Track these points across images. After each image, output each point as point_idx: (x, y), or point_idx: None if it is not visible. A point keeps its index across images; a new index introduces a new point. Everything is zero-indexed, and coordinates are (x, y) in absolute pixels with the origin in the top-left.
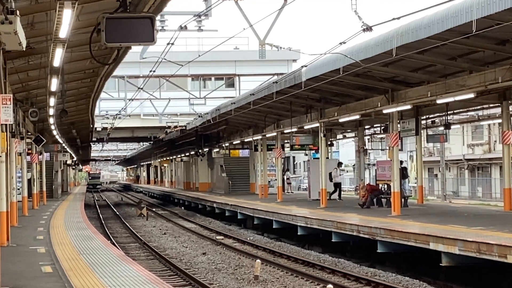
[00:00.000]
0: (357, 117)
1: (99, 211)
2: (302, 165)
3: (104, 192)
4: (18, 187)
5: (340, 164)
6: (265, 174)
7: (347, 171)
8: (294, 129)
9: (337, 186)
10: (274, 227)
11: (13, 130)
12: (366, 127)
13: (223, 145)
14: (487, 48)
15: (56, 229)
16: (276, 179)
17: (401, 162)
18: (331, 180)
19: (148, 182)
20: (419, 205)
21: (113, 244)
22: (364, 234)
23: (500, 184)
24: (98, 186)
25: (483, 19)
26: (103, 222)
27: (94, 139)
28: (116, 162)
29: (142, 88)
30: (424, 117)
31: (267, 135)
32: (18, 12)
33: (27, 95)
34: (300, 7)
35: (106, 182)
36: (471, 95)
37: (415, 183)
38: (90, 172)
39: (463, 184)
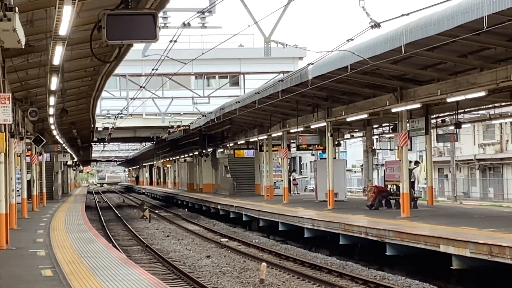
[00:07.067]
0: (365, 116)
1: (100, 213)
2: (309, 165)
3: (106, 194)
4: (18, 189)
5: None
6: (270, 175)
7: (354, 172)
8: (301, 129)
9: None
10: (280, 229)
11: (12, 130)
12: (374, 126)
13: (228, 145)
14: (498, 44)
15: (56, 232)
16: (282, 180)
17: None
18: None
19: (151, 183)
20: (429, 206)
21: (115, 247)
22: (373, 236)
23: None
24: (104, 184)
25: (495, 15)
26: (104, 224)
27: (95, 139)
28: (118, 163)
29: (144, 87)
30: (434, 116)
31: (273, 135)
32: (17, 9)
33: (26, 94)
34: (306, 3)
35: (117, 183)
36: (482, 93)
37: (425, 183)
38: (98, 175)
39: (474, 185)
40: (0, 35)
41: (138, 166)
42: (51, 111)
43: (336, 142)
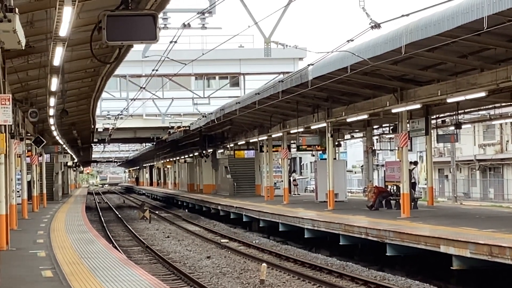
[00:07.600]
0: (365, 116)
1: (100, 214)
2: (309, 166)
3: (106, 194)
4: (18, 190)
5: None
6: (270, 176)
7: (355, 172)
8: (301, 129)
9: None
10: (280, 230)
11: (13, 131)
12: (375, 127)
13: (228, 146)
14: (498, 45)
15: (56, 233)
16: (282, 181)
17: None
18: None
19: (151, 184)
20: (429, 207)
21: (115, 247)
22: (373, 237)
23: None
24: (105, 185)
25: (494, 16)
26: (104, 225)
27: (95, 140)
28: (118, 163)
29: (144, 88)
30: (434, 116)
31: (273, 136)
32: (17, 10)
33: (26, 95)
34: (306, 3)
35: (118, 184)
36: (483, 94)
37: (425, 184)
38: (100, 176)
39: (475, 185)
40: (0, 36)
41: (138, 167)
42: (51, 112)
43: (336, 143)
